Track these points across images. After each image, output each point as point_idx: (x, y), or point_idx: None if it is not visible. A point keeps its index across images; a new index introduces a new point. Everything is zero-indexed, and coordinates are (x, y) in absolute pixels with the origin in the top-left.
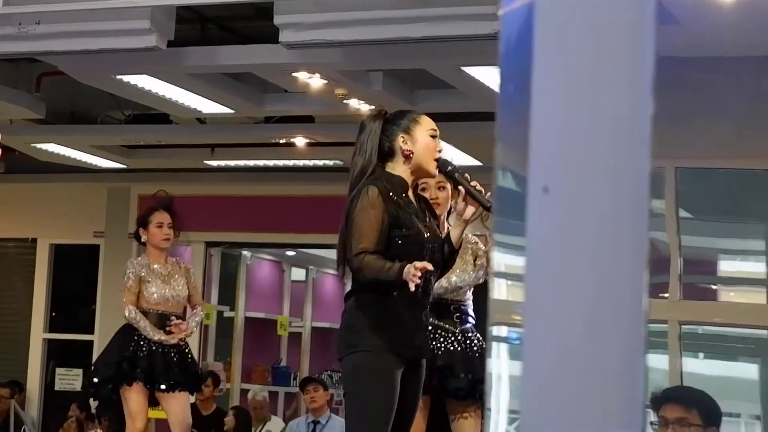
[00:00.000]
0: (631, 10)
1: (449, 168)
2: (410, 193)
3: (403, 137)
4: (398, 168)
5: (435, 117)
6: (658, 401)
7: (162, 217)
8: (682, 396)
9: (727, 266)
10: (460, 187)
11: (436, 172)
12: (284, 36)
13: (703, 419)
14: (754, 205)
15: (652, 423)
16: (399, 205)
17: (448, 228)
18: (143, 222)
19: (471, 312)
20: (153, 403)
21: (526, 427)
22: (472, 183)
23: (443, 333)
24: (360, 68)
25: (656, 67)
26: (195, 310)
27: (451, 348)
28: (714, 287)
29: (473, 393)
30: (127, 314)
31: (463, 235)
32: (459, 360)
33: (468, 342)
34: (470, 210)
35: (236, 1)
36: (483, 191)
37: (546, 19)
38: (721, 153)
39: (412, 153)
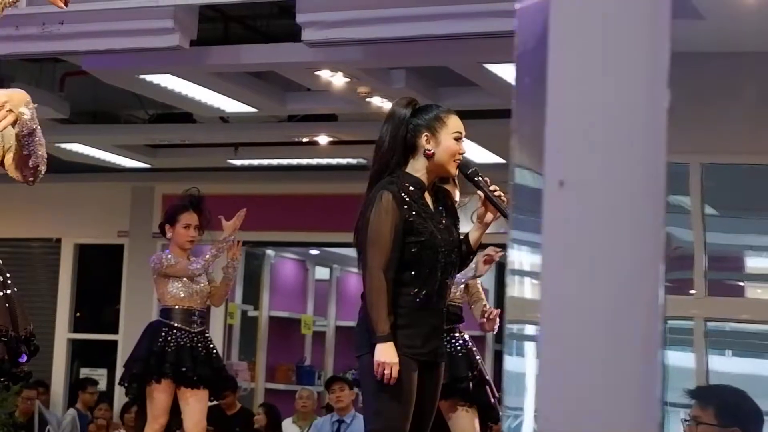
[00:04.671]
0: (646, 3)
1: (470, 171)
2: (427, 195)
3: (426, 136)
4: (417, 165)
5: (457, 114)
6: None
7: (190, 218)
8: (700, 394)
9: (753, 262)
10: (479, 192)
11: (456, 172)
12: (306, 34)
13: (720, 418)
14: None
15: (686, 420)
16: (413, 209)
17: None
18: (171, 219)
19: (461, 312)
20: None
21: (542, 423)
22: (492, 188)
23: None
24: (382, 66)
25: (681, 62)
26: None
27: None
28: (740, 284)
29: (455, 391)
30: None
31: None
32: None
33: (453, 342)
34: (490, 215)
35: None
36: (502, 196)
37: (562, 12)
38: (748, 148)
39: (434, 154)
